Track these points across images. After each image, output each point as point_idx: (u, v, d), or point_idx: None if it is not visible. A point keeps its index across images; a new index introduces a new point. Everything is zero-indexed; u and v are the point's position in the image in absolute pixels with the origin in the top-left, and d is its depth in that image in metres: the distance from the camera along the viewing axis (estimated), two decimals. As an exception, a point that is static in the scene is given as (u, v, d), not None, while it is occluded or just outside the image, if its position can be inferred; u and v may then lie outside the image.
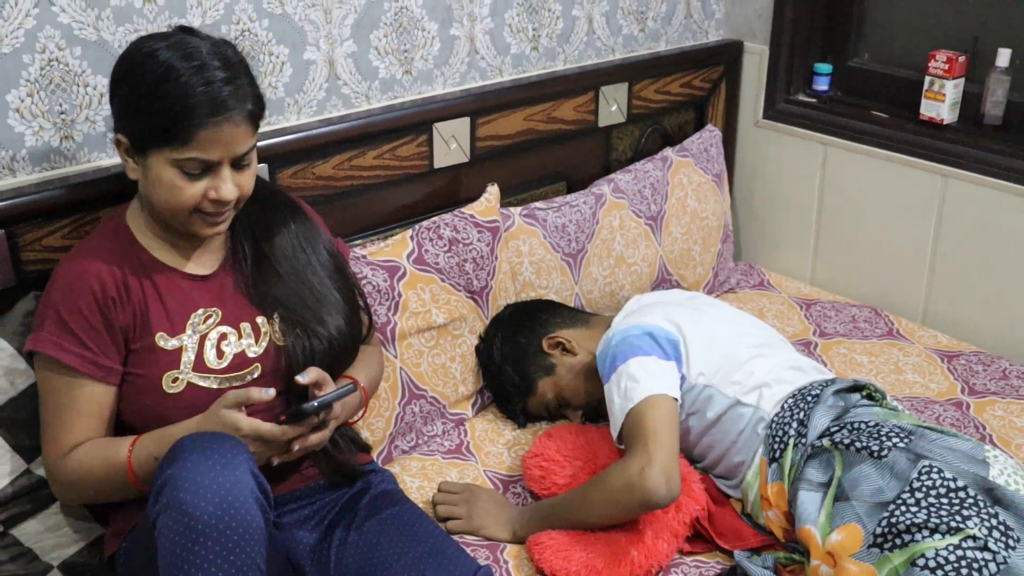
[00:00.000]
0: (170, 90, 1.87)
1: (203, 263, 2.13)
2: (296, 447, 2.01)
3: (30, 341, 1.99)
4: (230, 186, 1.97)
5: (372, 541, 2.08)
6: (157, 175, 1.93)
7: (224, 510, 1.71)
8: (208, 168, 1.94)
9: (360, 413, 2.26)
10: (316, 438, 2.04)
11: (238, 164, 1.98)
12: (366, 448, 2.36)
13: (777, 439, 2.29)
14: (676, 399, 2.32)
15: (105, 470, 1.97)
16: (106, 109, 2.27)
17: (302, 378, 2.01)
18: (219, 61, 1.93)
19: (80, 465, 1.98)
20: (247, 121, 1.96)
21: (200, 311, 2.08)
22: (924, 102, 3.16)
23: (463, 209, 2.80)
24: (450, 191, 2.95)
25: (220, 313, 2.10)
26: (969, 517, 1.97)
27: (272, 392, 1.90)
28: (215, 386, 2.04)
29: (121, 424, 2.08)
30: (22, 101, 2.18)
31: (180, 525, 1.70)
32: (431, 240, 2.70)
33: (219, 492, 1.71)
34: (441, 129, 2.85)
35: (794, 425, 2.28)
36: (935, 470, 2.06)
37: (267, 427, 1.91)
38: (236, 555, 1.71)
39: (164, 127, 1.88)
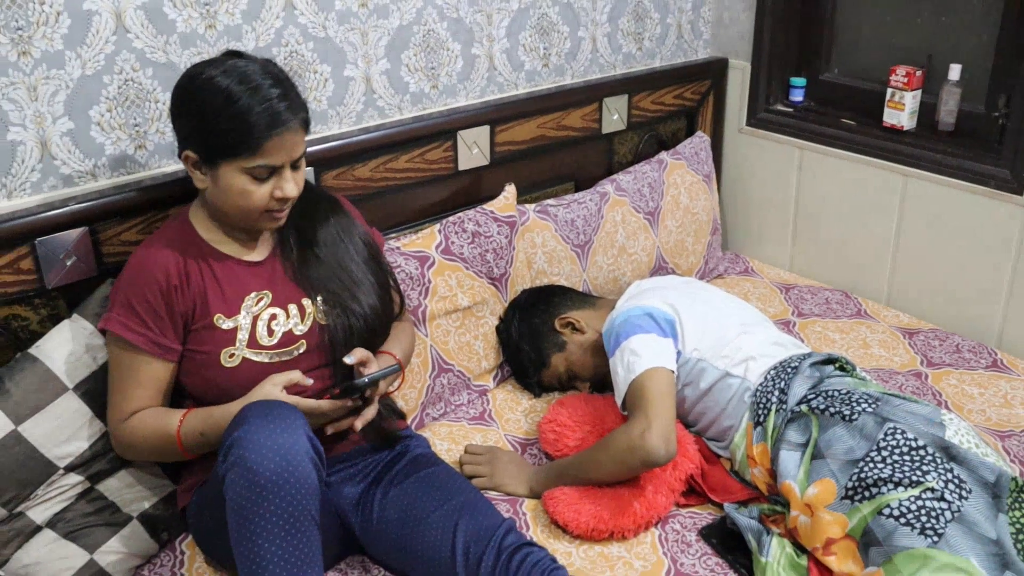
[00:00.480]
0: (234, 111, 1.90)
1: (255, 251, 2.15)
2: (358, 424, 2.06)
3: (103, 320, 2.03)
4: (292, 185, 2.01)
5: (411, 495, 2.10)
6: (228, 183, 1.96)
7: (284, 468, 1.73)
8: (272, 172, 1.97)
9: (397, 384, 2.28)
10: (370, 412, 2.07)
11: (295, 165, 2.01)
12: (402, 415, 2.38)
13: (761, 405, 2.30)
14: (673, 371, 2.32)
15: (158, 438, 2.00)
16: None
17: (349, 359, 2.04)
18: (271, 79, 1.95)
19: (135, 431, 2.01)
20: (301, 128, 1.99)
21: (253, 294, 2.10)
22: (886, 111, 3.16)
23: (484, 206, 2.81)
24: (472, 190, 2.96)
25: (270, 295, 2.12)
26: (928, 472, 1.99)
27: (311, 381, 1.93)
28: (267, 360, 2.06)
29: (183, 394, 2.11)
30: (102, 116, 2.21)
31: (245, 481, 1.73)
32: (456, 233, 2.71)
33: (279, 452, 1.74)
34: (464, 136, 2.86)
35: (776, 393, 2.29)
36: (899, 431, 2.07)
37: (306, 403, 1.94)
38: (294, 507, 1.74)
39: (234, 143, 1.92)
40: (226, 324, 2.05)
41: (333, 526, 2.08)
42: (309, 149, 2.42)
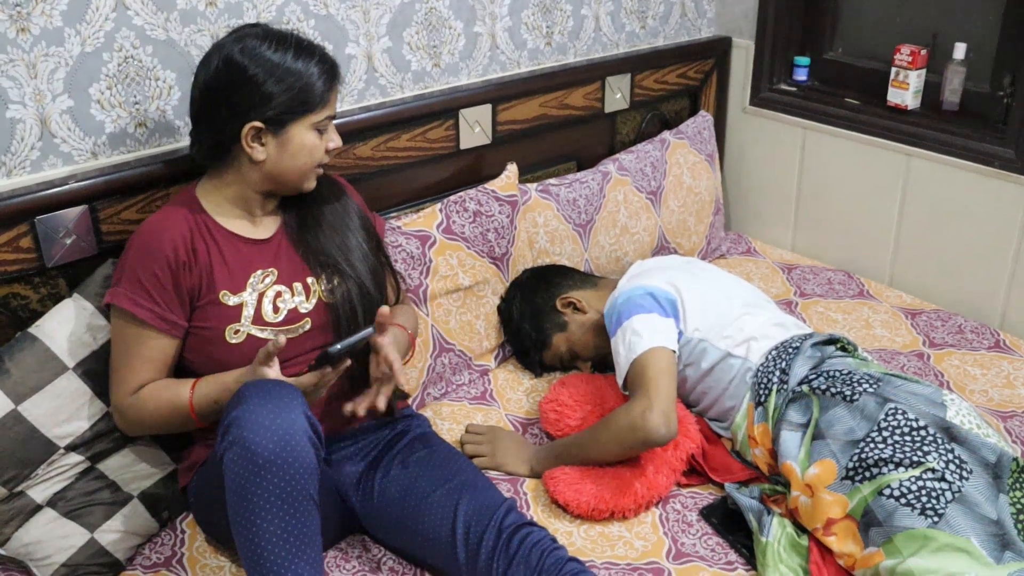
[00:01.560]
0: (297, 70, 2.00)
1: (261, 229, 2.15)
2: (360, 410, 2.04)
3: (108, 295, 2.02)
4: (338, 135, 2.12)
5: (413, 474, 2.10)
6: (300, 141, 2.05)
7: (281, 447, 1.73)
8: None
9: (409, 354, 2.27)
10: (381, 401, 2.05)
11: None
12: (404, 396, 2.38)
13: (762, 386, 2.30)
14: (674, 351, 2.32)
15: (170, 409, 2.00)
16: (174, 99, 2.31)
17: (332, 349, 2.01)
18: (298, 38, 2.05)
19: (146, 404, 2.01)
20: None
21: (259, 271, 2.10)
22: (890, 90, 3.15)
23: (486, 185, 2.80)
24: (474, 169, 2.95)
25: (276, 273, 2.12)
26: (929, 452, 1.99)
27: (283, 340, 1.87)
28: (271, 337, 2.06)
29: (187, 370, 2.10)
30: (102, 93, 2.20)
31: (243, 460, 1.73)
32: (458, 212, 2.71)
33: (277, 432, 1.73)
34: (466, 115, 2.85)
35: (777, 373, 2.29)
36: (900, 412, 2.08)
37: (295, 380, 1.93)
38: (292, 486, 1.74)
39: (304, 99, 2.02)
40: (232, 300, 2.06)
41: (333, 505, 2.08)
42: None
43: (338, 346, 1.93)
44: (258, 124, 2.00)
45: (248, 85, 1.98)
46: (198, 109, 2.06)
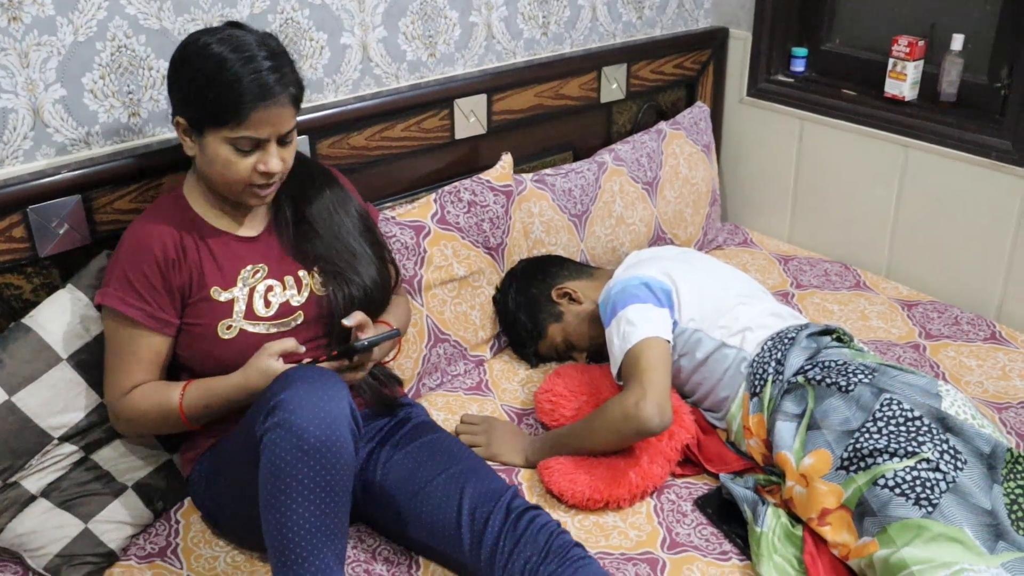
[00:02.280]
0: (224, 79, 1.90)
1: (250, 226, 2.15)
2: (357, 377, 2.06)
3: (99, 295, 2.03)
4: (276, 160, 1.99)
5: (416, 459, 2.11)
6: (214, 152, 1.96)
7: (328, 435, 1.74)
8: (257, 145, 1.96)
9: (393, 353, 2.28)
10: (357, 376, 2.07)
11: (282, 141, 2.00)
12: (399, 382, 2.38)
13: (758, 376, 2.30)
14: (669, 341, 2.32)
15: (159, 412, 2.01)
16: (167, 89, 2.29)
17: (348, 321, 2.03)
18: (265, 51, 1.95)
19: (137, 405, 2.02)
20: (291, 104, 1.98)
21: (249, 267, 2.10)
22: (888, 81, 3.15)
23: (481, 175, 2.80)
24: (469, 159, 2.95)
25: (266, 268, 2.12)
26: (924, 443, 2.00)
27: (303, 348, 1.93)
28: (264, 331, 2.07)
29: (180, 367, 2.11)
30: (95, 83, 2.20)
31: (288, 442, 1.73)
32: (452, 203, 2.71)
33: (325, 419, 1.74)
34: (461, 105, 2.85)
35: (772, 364, 2.29)
36: (895, 402, 2.08)
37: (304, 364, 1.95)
38: (332, 474, 1.75)
39: (219, 111, 1.91)
40: (223, 296, 2.06)
41: None
42: (304, 117, 2.44)
43: (364, 341, 1.95)
44: (181, 120, 1.99)
45: (182, 81, 1.97)
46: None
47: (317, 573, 1.74)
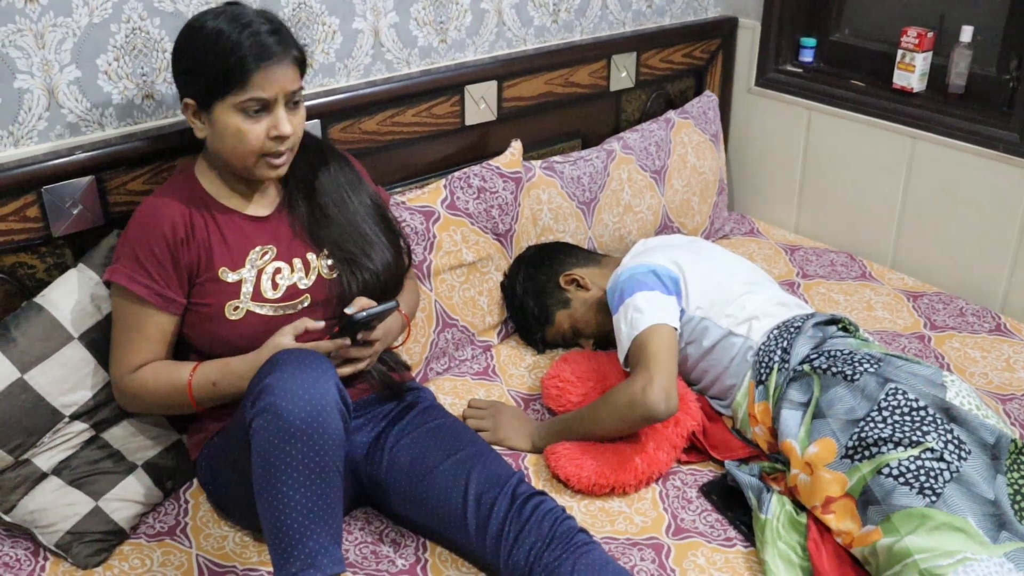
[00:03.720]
0: (224, 46, 1.92)
1: (260, 207, 2.16)
2: (346, 370, 2.07)
3: (108, 272, 2.04)
4: (287, 123, 1.99)
5: (423, 443, 2.12)
6: (224, 123, 1.97)
7: (313, 417, 1.75)
8: (265, 107, 1.97)
9: (403, 337, 2.29)
10: (366, 353, 2.09)
11: (290, 103, 2.01)
12: (406, 367, 2.39)
13: (764, 364, 2.31)
14: (676, 329, 2.33)
15: (168, 390, 2.02)
16: (182, 71, 2.31)
17: (349, 310, 2.04)
18: (263, 19, 1.98)
19: (145, 383, 2.03)
20: (293, 64, 2.00)
21: (258, 248, 2.11)
22: (896, 72, 3.15)
23: (490, 162, 2.81)
24: (479, 146, 2.95)
25: (275, 250, 2.12)
26: (928, 432, 2.01)
27: (322, 323, 1.96)
28: (271, 313, 2.08)
29: (187, 347, 2.12)
30: (109, 65, 2.21)
31: (274, 427, 1.74)
32: (462, 188, 2.71)
33: (310, 401, 1.75)
34: (472, 91, 2.85)
35: (779, 352, 2.30)
36: (900, 392, 2.09)
37: (315, 344, 1.97)
38: (320, 456, 1.76)
39: (223, 78, 1.93)
40: (231, 277, 2.07)
41: (345, 478, 2.09)
42: (316, 101, 2.45)
43: (363, 313, 1.96)
44: (190, 101, 2.00)
45: (185, 60, 1.99)
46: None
47: (313, 554, 1.75)
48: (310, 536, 1.75)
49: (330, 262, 2.16)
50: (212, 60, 1.93)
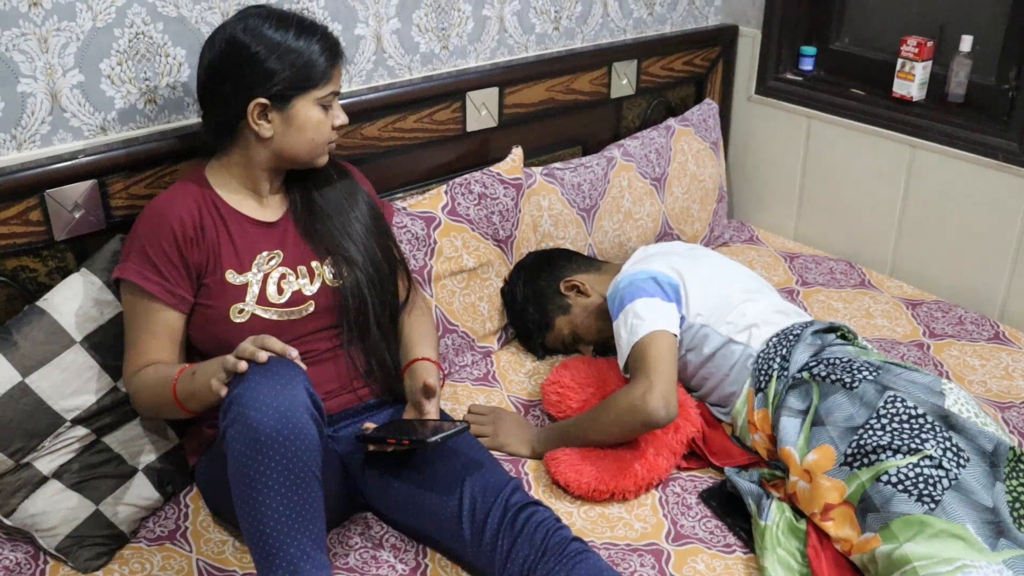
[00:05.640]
0: (299, 45, 2.04)
1: (269, 213, 2.17)
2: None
3: (117, 269, 2.05)
4: (344, 113, 2.17)
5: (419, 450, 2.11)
6: (305, 117, 2.07)
7: (283, 424, 1.73)
8: (331, 102, 2.10)
9: (440, 384, 2.28)
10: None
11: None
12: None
13: (763, 372, 2.31)
14: (675, 335, 2.33)
15: (158, 392, 1.99)
16: (184, 76, 2.31)
17: (431, 438, 1.96)
18: (300, 17, 2.09)
19: (143, 384, 2.02)
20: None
21: (265, 253, 2.12)
22: (896, 81, 3.16)
23: (491, 168, 2.81)
24: (480, 152, 2.96)
25: (282, 255, 2.13)
26: (927, 440, 2.01)
27: (294, 352, 1.82)
28: (275, 318, 2.08)
29: (193, 351, 2.12)
30: (112, 69, 2.21)
31: (245, 437, 1.73)
32: (463, 194, 2.72)
33: (279, 409, 1.73)
34: (473, 97, 2.86)
35: (778, 360, 2.30)
36: (899, 399, 2.09)
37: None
38: (294, 463, 1.74)
39: (307, 75, 2.05)
40: (237, 280, 2.07)
41: (339, 482, 2.09)
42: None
43: (437, 438, 1.94)
44: (263, 101, 2.02)
45: (252, 63, 2.01)
46: (204, 90, 2.09)
47: (295, 560, 1.74)
48: (291, 543, 1.74)
49: (334, 269, 2.16)
50: (294, 60, 2.03)
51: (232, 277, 2.07)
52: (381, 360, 2.23)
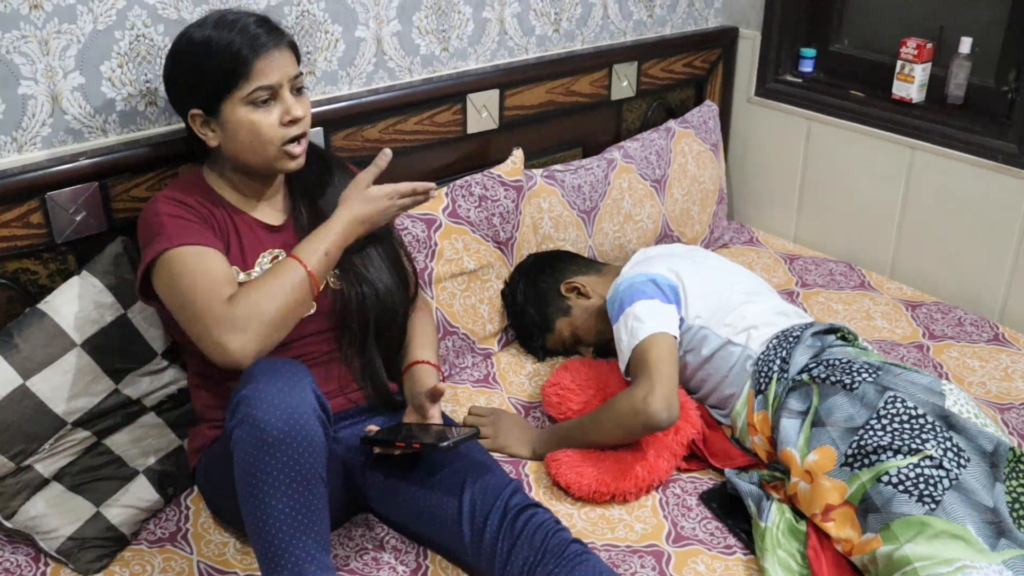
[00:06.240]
0: (217, 47, 1.96)
1: (272, 216, 2.16)
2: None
3: (148, 253, 1.94)
4: (298, 106, 2.02)
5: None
6: (236, 121, 1.98)
7: (291, 426, 1.73)
8: (273, 96, 1.99)
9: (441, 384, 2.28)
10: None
11: (294, 89, 2.03)
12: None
13: (763, 374, 2.31)
14: (675, 337, 2.33)
15: (287, 289, 1.91)
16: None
17: (444, 443, 1.96)
18: (248, 15, 2.02)
19: (256, 298, 1.89)
20: (289, 50, 2.03)
21: (268, 252, 2.11)
22: (896, 83, 3.16)
23: (492, 170, 2.81)
24: (481, 154, 2.96)
25: (284, 255, 2.11)
26: (927, 440, 2.01)
27: (390, 152, 2.11)
28: None
29: (186, 349, 2.12)
30: (113, 71, 2.21)
31: (252, 438, 1.73)
32: (464, 196, 2.72)
33: (286, 410, 1.73)
34: (474, 99, 2.86)
35: (777, 362, 2.30)
36: (899, 400, 2.09)
37: (404, 186, 2.07)
38: (300, 464, 1.74)
39: (224, 76, 1.95)
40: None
41: (340, 483, 2.08)
42: (318, 109, 2.45)
43: (449, 443, 1.95)
44: (195, 111, 2.01)
45: (182, 72, 2.01)
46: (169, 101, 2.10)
47: (299, 562, 1.74)
48: (296, 545, 1.75)
49: (337, 272, 2.16)
50: (210, 63, 1.95)
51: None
52: (374, 375, 2.22)
